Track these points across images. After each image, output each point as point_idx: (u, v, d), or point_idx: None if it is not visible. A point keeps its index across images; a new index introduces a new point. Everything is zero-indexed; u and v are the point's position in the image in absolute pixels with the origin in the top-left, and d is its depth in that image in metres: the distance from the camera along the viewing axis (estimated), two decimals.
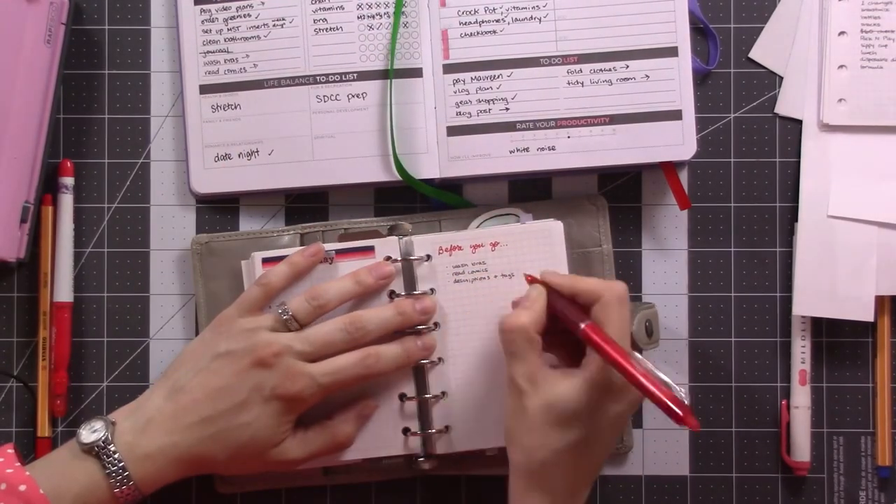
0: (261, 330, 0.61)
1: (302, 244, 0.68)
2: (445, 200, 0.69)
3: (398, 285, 0.64)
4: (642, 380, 0.53)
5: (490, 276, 0.64)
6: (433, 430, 0.65)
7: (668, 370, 0.69)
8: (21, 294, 0.69)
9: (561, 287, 0.59)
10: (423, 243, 0.65)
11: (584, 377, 0.56)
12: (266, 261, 0.64)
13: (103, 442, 0.58)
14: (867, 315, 0.68)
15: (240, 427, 0.60)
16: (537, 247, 0.64)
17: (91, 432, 0.59)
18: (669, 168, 0.68)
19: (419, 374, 0.65)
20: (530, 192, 0.70)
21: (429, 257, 0.65)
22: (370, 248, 0.65)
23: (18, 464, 0.58)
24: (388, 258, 0.64)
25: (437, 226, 0.68)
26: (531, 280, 0.61)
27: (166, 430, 0.59)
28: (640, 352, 0.67)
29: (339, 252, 0.65)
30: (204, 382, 0.60)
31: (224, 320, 0.63)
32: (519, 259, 0.64)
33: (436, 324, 0.64)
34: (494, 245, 0.64)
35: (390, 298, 0.64)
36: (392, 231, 0.67)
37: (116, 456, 0.58)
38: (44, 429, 0.68)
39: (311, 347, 0.61)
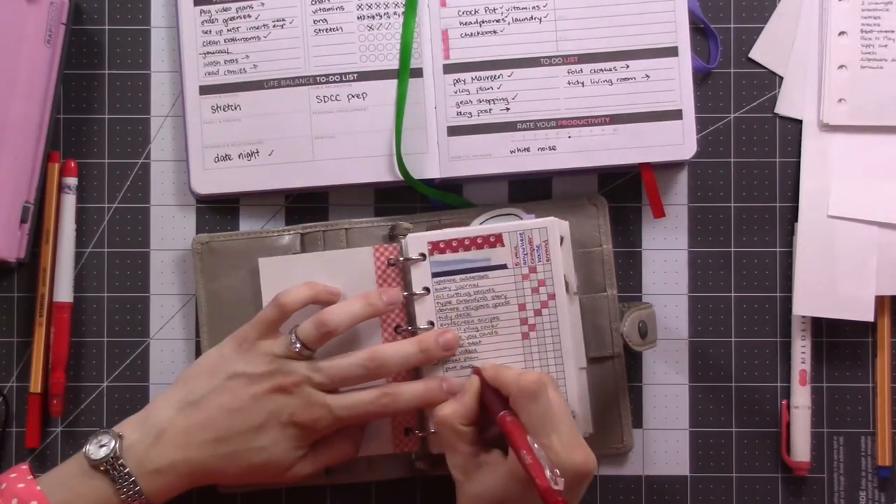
0: (280, 358, 0.61)
1: (302, 244, 0.68)
2: (446, 201, 0.69)
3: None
4: (526, 458, 0.54)
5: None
6: (433, 430, 0.64)
7: (668, 370, 0.70)
8: (21, 294, 0.69)
9: (488, 378, 0.60)
10: (416, 242, 0.64)
11: (508, 467, 0.57)
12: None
13: (112, 458, 0.58)
14: (867, 315, 0.68)
15: (256, 450, 0.60)
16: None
17: (99, 447, 0.58)
18: (649, 174, 0.68)
19: (419, 375, 0.65)
20: (530, 192, 0.70)
21: (423, 256, 0.64)
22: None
23: (31, 477, 0.58)
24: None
25: (437, 226, 0.68)
26: (474, 371, 0.62)
27: (178, 445, 0.59)
28: (634, 353, 0.67)
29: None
30: (219, 401, 0.60)
31: (243, 339, 0.62)
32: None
33: (430, 322, 0.64)
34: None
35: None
36: (392, 231, 0.67)
37: (126, 471, 0.58)
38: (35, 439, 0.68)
39: (328, 381, 0.61)
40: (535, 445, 0.55)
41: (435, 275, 0.64)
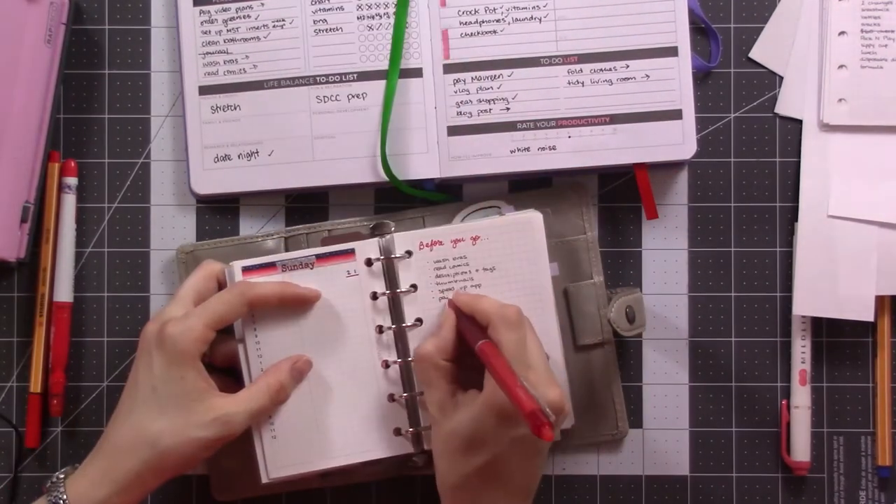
0: None
1: (286, 249, 0.67)
2: (433, 199, 0.69)
3: (380, 285, 0.64)
4: (518, 392, 0.52)
5: (472, 270, 0.64)
6: (422, 427, 0.64)
7: (668, 370, 0.70)
8: (21, 294, 0.69)
9: (463, 307, 0.61)
10: (403, 240, 0.64)
11: (482, 401, 0.56)
12: (247, 269, 0.63)
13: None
14: (867, 315, 0.68)
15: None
16: (518, 238, 0.64)
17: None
18: (643, 174, 0.68)
19: (405, 371, 0.64)
20: None
21: (409, 253, 0.64)
22: (351, 252, 0.64)
23: None
24: (369, 260, 0.64)
25: (421, 222, 0.68)
26: (449, 304, 0.62)
27: None
28: (622, 338, 0.67)
29: (320, 257, 0.64)
30: None
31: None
32: (500, 252, 0.64)
33: (419, 319, 0.64)
34: (475, 239, 0.64)
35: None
36: (375, 230, 0.67)
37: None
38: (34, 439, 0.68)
39: None
40: (525, 385, 0.54)
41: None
